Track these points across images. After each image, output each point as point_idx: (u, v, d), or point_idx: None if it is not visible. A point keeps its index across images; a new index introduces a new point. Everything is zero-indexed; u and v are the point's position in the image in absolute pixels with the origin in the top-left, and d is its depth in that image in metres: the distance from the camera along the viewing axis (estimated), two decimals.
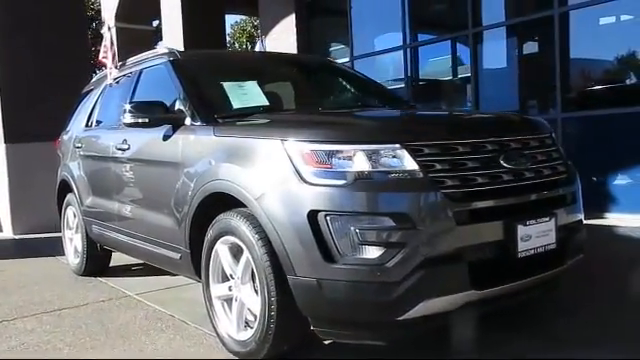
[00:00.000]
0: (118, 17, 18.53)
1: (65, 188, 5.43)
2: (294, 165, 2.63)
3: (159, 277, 4.86)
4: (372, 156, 2.56)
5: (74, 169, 5.13)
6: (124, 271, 5.40)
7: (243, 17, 29.02)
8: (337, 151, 2.59)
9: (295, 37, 10.43)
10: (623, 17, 6.90)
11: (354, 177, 2.53)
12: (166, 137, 3.53)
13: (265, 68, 4.31)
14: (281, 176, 2.66)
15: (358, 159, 2.56)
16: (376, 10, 10.00)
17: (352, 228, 2.48)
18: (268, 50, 6.04)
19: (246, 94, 3.61)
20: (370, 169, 2.54)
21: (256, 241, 2.75)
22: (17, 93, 8.21)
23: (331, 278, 2.52)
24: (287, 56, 5.30)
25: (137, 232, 3.97)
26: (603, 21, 7.02)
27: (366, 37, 10.16)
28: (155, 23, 21.32)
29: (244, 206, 2.85)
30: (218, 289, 3.13)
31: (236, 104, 3.52)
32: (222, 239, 3.03)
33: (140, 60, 4.47)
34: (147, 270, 5.17)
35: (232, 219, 2.92)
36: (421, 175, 2.54)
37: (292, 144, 2.67)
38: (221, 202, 3.05)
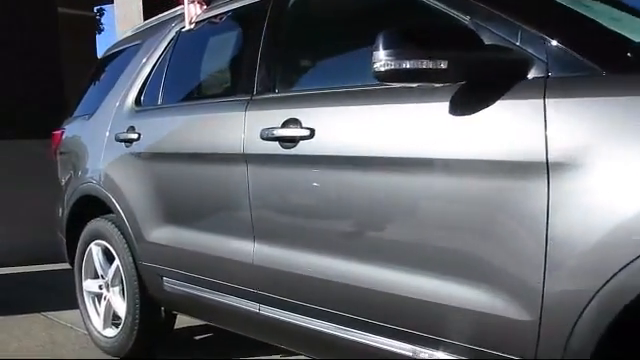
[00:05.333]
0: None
1: (89, 209, 3.25)
2: None
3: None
4: None
5: (118, 177, 2.96)
6: (187, 342, 3.32)
7: None
8: None
9: None
10: None
11: None
12: (471, 106, 1.57)
13: None
14: None
15: None
16: None
17: None
18: None
19: (619, 20, 1.71)
20: None
21: None
22: None
23: None
24: None
25: (342, 309, 1.94)
26: None
27: None
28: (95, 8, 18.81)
29: None
30: None
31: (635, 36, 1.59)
32: None
33: None
34: (225, 338, 3.11)
35: None
36: None
37: None
38: None
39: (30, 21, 6.32)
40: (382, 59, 1.53)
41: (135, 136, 2.85)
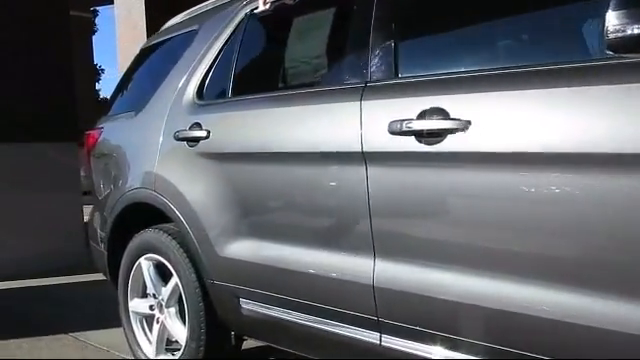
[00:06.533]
0: None
1: (139, 219, 2.84)
2: None
3: None
4: None
5: (180, 181, 2.54)
6: None
7: None
8: None
9: None
10: None
11: None
12: None
13: None
14: None
15: None
16: None
17: None
18: None
19: None
20: None
21: None
22: None
23: None
24: None
25: (506, 344, 1.57)
26: None
27: None
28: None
29: None
30: None
31: None
32: None
33: None
34: None
35: None
36: None
37: None
38: None
39: (42, 22, 5.89)
40: (619, 23, 1.15)
41: (203, 134, 2.45)
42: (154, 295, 2.79)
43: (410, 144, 1.70)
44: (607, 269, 1.39)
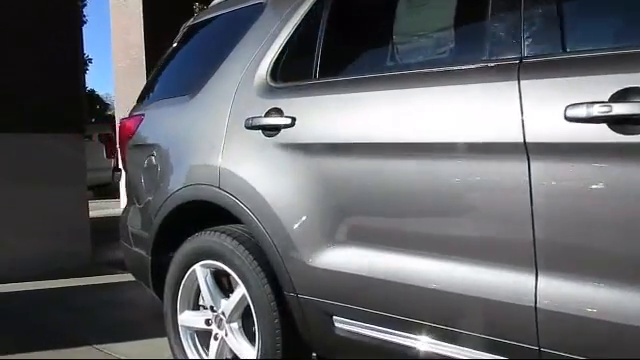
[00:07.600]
0: None
1: (189, 220, 2.47)
2: None
3: None
4: None
5: (255, 177, 2.15)
6: None
7: None
8: None
9: None
10: None
11: None
12: None
13: None
14: None
15: None
16: None
17: None
18: None
19: None
20: None
21: None
22: None
23: None
24: None
25: None
26: None
27: None
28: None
29: None
30: None
31: None
32: None
33: None
34: None
35: None
36: None
37: None
38: None
39: (48, 12, 5.47)
40: None
41: (286, 121, 2.07)
42: (212, 308, 2.41)
43: (602, 134, 1.35)
44: None
